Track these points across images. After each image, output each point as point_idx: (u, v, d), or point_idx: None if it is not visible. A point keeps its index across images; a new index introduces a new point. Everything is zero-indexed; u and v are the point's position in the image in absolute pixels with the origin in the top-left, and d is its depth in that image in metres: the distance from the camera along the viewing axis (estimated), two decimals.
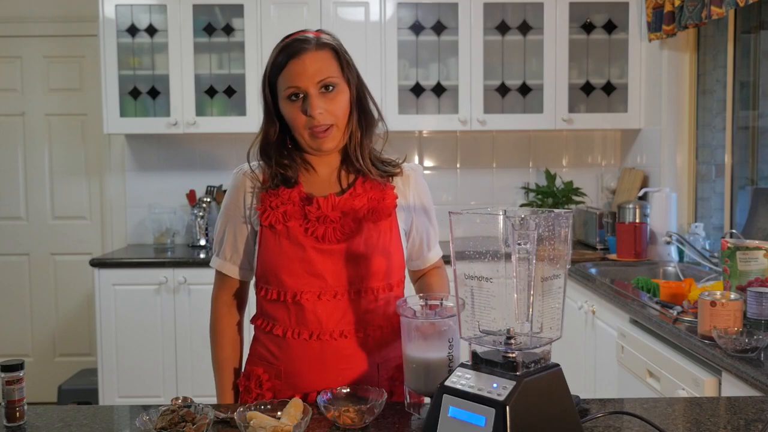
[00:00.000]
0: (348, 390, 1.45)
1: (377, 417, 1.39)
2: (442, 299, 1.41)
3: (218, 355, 1.71)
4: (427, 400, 1.41)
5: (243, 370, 1.69)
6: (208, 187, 4.19)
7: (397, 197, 1.64)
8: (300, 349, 1.57)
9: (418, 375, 1.35)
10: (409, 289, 1.72)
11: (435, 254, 1.77)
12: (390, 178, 1.65)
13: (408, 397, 1.41)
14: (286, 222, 1.57)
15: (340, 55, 1.56)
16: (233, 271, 1.67)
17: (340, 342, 1.57)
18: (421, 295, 1.50)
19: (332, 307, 1.57)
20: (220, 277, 1.70)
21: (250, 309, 1.71)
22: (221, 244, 1.67)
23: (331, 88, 1.53)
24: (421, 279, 1.78)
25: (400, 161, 1.68)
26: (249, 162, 1.63)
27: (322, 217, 1.56)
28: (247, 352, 1.71)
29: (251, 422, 1.28)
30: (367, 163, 1.61)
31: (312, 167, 1.63)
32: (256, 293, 1.66)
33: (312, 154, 1.61)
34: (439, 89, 3.95)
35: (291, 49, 1.53)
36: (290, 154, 1.61)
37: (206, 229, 4.10)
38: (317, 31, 1.60)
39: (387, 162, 1.66)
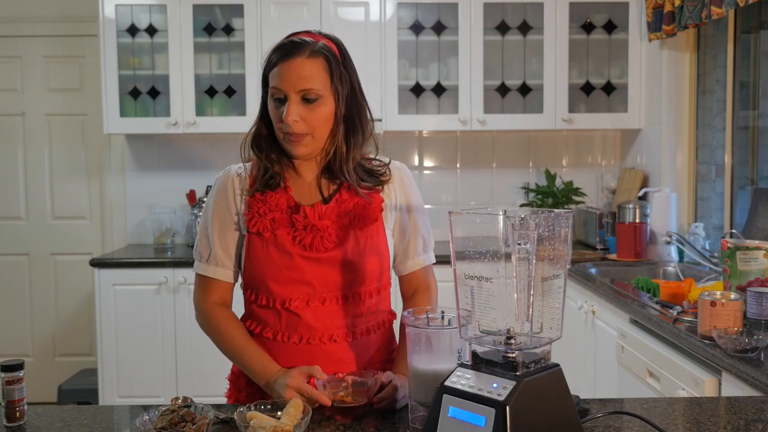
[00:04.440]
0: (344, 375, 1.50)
1: (377, 417, 1.39)
2: (443, 311, 1.40)
3: (235, 337, 1.59)
4: None
5: (232, 367, 1.69)
6: (208, 187, 4.18)
7: (383, 200, 1.62)
8: (290, 353, 1.58)
9: (426, 387, 1.32)
10: (395, 291, 1.70)
11: (420, 261, 1.69)
12: (381, 186, 1.62)
13: (412, 410, 1.37)
14: (275, 230, 1.56)
15: (332, 66, 1.52)
16: (224, 275, 1.63)
17: (329, 346, 1.58)
18: (422, 308, 1.44)
19: (321, 313, 1.57)
20: (208, 281, 1.63)
21: (238, 309, 1.69)
22: (210, 249, 1.62)
23: (312, 99, 1.51)
24: (409, 301, 1.71)
25: (387, 163, 1.65)
26: (242, 153, 1.61)
27: (309, 225, 1.55)
28: None
29: (251, 422, 1.28)
30: (352, 177, 1.58)
31: (296, 170, 1.61)
32: (245, 296, 1.64)
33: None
34: (439, 89, 3.95)
35: (284, 50, 1.52)
36: (279, 150, 1.59)
37: None
38: (320, 34, 1.57)
39: (375, 172, 1.62)
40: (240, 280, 1.67)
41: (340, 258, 1.56)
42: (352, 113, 1.58)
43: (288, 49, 1.51)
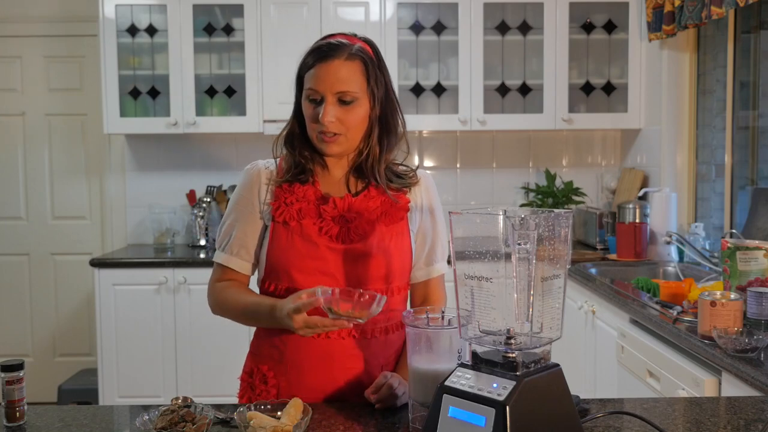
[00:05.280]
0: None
1: (377, 417, 1.39)
2: (443, 311, 1.40)
3: (237, 299, 1.61)
4: None
5: (245, 366, 1.69)
6: (208, 187, 4.18)
7: (409, 201, 1.65)
8: (307, 347, 1.58)
9: (426, 387, 1.32)
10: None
11: (438, 269, 1.71)
12: (408, 189, 1.66)
13: (412, 410, 1.37)
14: (301, 219, 1.57)
15: (369, 68, 1.56)
16: (240, 266, 1.65)
17: (347, 341, 1.58)
18: (422, 308, 1.44)
19: None
20: (223, 270, 1.66)
21: None
22: (229, 238, 1.64)
23: (348, 101, 1.53)
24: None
25: (414, 169, 1.69)
26: (274, 151, 1.64)
27: (338, 216, 1.57)
28: (248, 348, 1.70)
29: (251, 422, 1.28)
30: (382, 178, 1.61)
31: (327, 167, 1.63)
32: (263, 289, 1.65)
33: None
34: (439, 89, 3.95)
35: (321, 52, 1.54)
36: (312, 148, 1.61)
37: (206, 229, 4.09)
38: (355, 36, 1.60)
39: (403, 175, 1.66)
40: (256, 274, 1.67)
41: (365, 252, 1.57)
42: (387, 115, 1.60)
43: (325, 51, 1.53)
